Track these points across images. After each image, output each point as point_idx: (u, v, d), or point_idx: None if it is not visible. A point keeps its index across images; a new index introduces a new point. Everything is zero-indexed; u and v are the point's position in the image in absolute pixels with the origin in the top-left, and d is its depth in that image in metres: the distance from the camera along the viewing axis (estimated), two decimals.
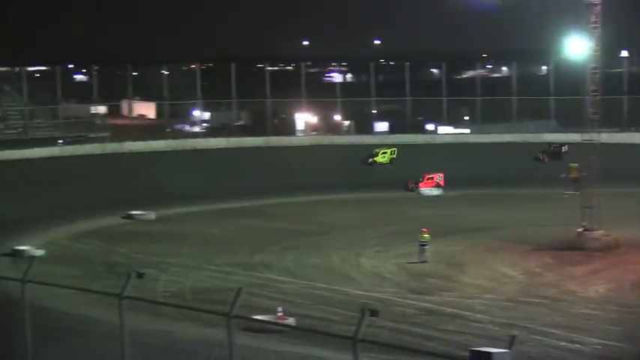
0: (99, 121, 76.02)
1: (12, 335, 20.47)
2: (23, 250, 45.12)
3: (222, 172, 67.41)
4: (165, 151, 72.30)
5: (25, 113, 73.13)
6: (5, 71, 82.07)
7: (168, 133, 77.61)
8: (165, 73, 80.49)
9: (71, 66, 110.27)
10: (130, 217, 57.32)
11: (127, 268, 31.05)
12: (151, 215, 57.84)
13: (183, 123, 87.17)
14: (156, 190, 62.14)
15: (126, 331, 17.14)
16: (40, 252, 44.64)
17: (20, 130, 72.29)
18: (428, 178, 67.79)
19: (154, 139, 74.60)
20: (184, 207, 60.42)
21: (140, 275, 19.91)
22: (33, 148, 69.25)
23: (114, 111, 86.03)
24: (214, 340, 25.90)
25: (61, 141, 72.29)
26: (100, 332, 27.12)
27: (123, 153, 71.51)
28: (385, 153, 72.10)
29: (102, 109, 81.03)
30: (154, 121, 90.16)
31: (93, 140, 72.94)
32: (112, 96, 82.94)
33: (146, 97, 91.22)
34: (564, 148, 72.56)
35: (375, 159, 71.24)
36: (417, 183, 67.34)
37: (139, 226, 55.36)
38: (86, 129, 74.58)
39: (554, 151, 73.82)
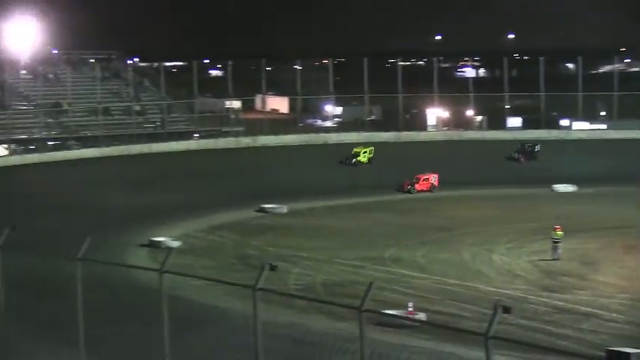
0: (233, 116, 77.14)
1: (149, 323, 21.02)
2: (160, 242, 46.18)
3: (357, 167, 67.62)
4: (298, 145, 72.95)
5: (163, 107, 74.70)
6: (144, 67, 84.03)
7: (300, 128, 78.23)
8: (299, 68, 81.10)
9: (207, 61, 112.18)
10: (263, 210, 58.03)
11: (260, 261, 31.55)
12: (284, 209, 58.44)
13: (315, 117, 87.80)
14: (288, 183, 62.74)
15: (259, 322, 17.40)
16: (176, 243, 45.58)
17: (158, 123, 73.90)
18: (423, 179, 65.93)
19: (286, 133, 75.32)
20: (316, 201, 60.85)
21: (273, 268, 20.20)
22: (169, 141, 70.77)
23: (248, 105, 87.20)
24: (345, 333, 26.16)
25: (196, 135, 73.64)
26: (234, 323, 27.68)
27: (256, 147, 72.45)
28: (365, 152, 70.33)
29: (236, 104, 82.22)
30: (287, 115, 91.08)
31: (227, 134, 74.09)
32: (246, 91, 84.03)
33: (279, 92, 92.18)
34: (537, 148, 72.21)
35: (359, 159, 69.39)
36: (412, 184, 65.30)
37: (272, 219, 55.99)
38: (221, 123, 75.80)
39: (528, 150, 72.52)
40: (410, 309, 31.82)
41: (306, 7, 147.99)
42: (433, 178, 65.79)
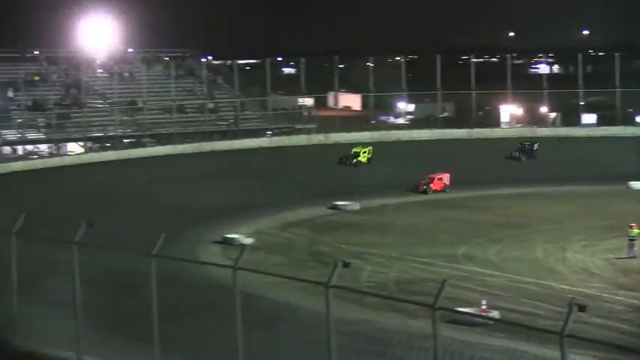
0: (306, 113, 77.37)
1: (222, 320, 21.19)
2: (233, 238, 46.50)
3: (426, 163, 67.39)
4: (370, 143, 72.93)
5: (236, 105, 75.18)
6: (218, 65, 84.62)
7: (372, 125, 78.19)
8: (371, 65, 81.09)
9: (280, 59, 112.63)
10: (335, 207, 58.13)
11: (333, 258, 31.60)
12: (356, 206, 58.48)
13: (388, 115, 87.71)
14: (360, 180, 62.73)
15: (332, 319, 17.44)
16: (249, 240, 45.84)
17: (231, 121, 74.38)
18: (437, 179, 64.65)
19: (358, 130, 75.35)
20: (388, 198, 60.80)
21: (346, 265, 20.24)
22: (242, 139, 71.22)
23: (320, 103, 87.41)
24: (417, 331, 26.13)
25: (269, 132, 73.99)
26: (307, 319, 27.80)
27: (328, 144, 72.58)
28: (365, 152, 69.10)
29: (309, 101, 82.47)
30: (359, 112, 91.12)
31: (299, 132, 74.31)
32: (319, 88, 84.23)
33: (352, 89, 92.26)
34: (536, 147, 71.50)
35: (359, 159, 68.23)
36: (428, 184, 64.06)
37: (344, 216, 56.06)
38: (293, 121, 76.07)
39: (527, 149, 71.35)
40: (483, 307, 31.69)
41: (378, 4, 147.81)
42: (445, 178, 64.88)
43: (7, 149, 65.82)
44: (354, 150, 68.20)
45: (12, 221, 23.23)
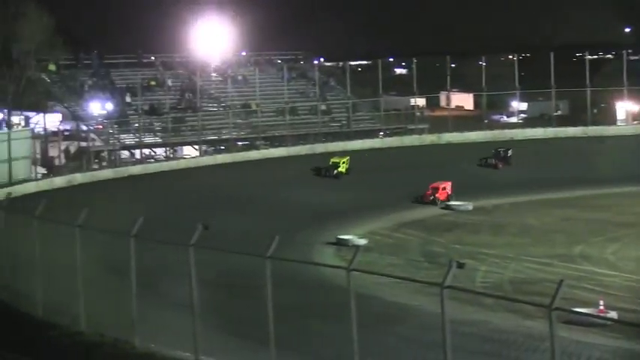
0: (418, 113, 77.18)
1: (337, 321, 21.32)
2: (347, 240, 46.66)
3: (540, 162, 66.65)
4: (483, 142, 72.37)
5: (349, 106, 75.40)
6: (330, 66, 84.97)
7: (485, 124, 77.58)
8: (483, 64, 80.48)
9: (391, 59, 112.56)
10: (448, 207, 57.92)
11: (446, 259, 31.56)
12: (469, 206, 58.17)
13: (501, 113, 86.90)
14: (473, 180, 62.34)
15: (447, 319, 17.41)
16: (362, 241, 45.96)
17: (344, 122, 74.64)
18: (442, 188, 60.29)
19: (471, 130, 74.83)
20: (501, 198, 60.24)
21: (461, 265, 20.18)
22: (355, 140, 71.37)
23: (432, 103, 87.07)
24: (534, 331, 25.88)
25: (381, 133, 74.02)
26: (421, 320, 27.78)
27: (441, 144, 72.27)
28: (344, 162, 65.25)
29: (421, 101, 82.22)
30: (472, 112, 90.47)
31: (412, 132, 74.15)
32: (431, 88, 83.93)
33: (464, 89, 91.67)
34: (510, 152, 69.22)
35: (339, 169, 64.64)
36: (434, 194, 59.92)
37: (458, 216, 55.81)
38: (406, 121, 75.94)
39: (502, 155, 69.26)
40: (601, 307, 31.20)
41: (489, 3, 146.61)
42: (448, 187, 61.03)
43: (125, 153, 67.22)
44: (332, 160, 65.47)
45: (131, 224, 23.75)
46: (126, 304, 23.79)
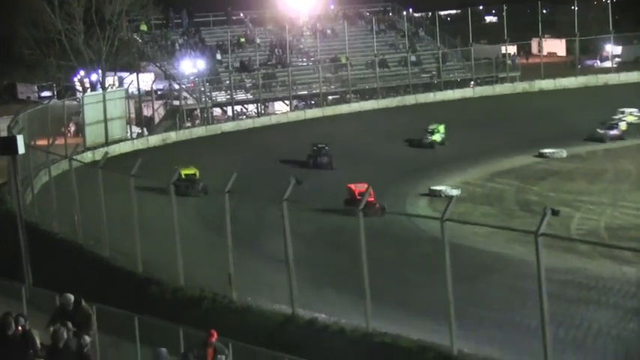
0: (509, 61, 76.26)
1: (432, 271, 21.41)
2: (440, 190, 46.55)
3: (636, 106, 65.42)
4: (576, 88, 71.34)
5: (439, 57, 74.87)
6: (419, 17, 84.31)
7: (578, 70, 76.38)
8: (576, 8, 79.08)
9: (481, 7, 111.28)
10: (542, 155, 57.27)
11: (541, 207, 31.33)
12: (563, 153, 57.45)
13: (594, 59, 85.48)
14: (567, 127, 61.53)
15: (542, 267, 17.39)
16: (456, 191, 45.79)
17: (434, 73, 74.19)
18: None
19: (564, 76, 73.79)
20: (594, 144, 59.37)
21: (555, 213, 20.18)
22: (446, 90, 70.92)
23: (524, 50, 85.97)
24: (632, 277, 25.66)
25: (472, 82, 73.42)
26: (517, 269, 27.70)
27: (533, 92, 71.43)
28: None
29: (512, 49, 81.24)
30: (565, 58, 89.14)
31: (503, 80, 73.42)
32: (522, 35, 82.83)
33: (556, 34, 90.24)
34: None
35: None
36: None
37: (551, 164, 55.19)
38: (497, 69, 75.16)
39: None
40: None
41: None
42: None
43: (217, 111, 67.81)
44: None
45: (225, 181, 24.10)
46: (223, 260, 24.21)
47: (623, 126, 61.08)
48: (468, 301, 21.74)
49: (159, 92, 66.42)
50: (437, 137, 59.69)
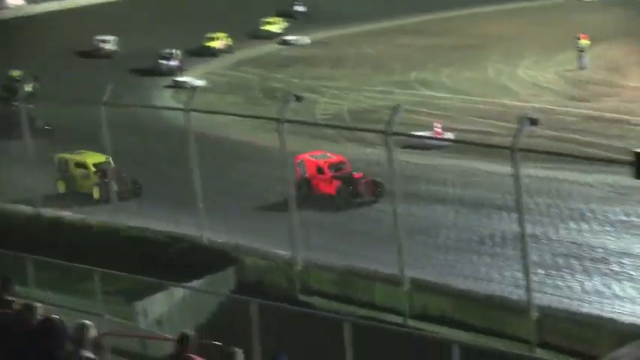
0: None
1: (179, 162, 21.25)
2: (184, 82, 46.08)
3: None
4: None
5: None
6: None
7: None
8: None
9: None
10: (285, 42, 57.67)
11: (285, 94, 31.55)
12: (306, 39, 58.05)
13: None
14: (309, 9, 61.86)
15: (287, 153, 17.58)
16: (200, 82, 45.51)
17: None
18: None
19: None
20: (338, 29, 60.21)
21: (298, 99, 20.26)
22: None
23: None
24: (374, 158, 26.28)
25: None
26: (265, 156, 27.86)
27: None
28: None
29: None
30: None
31: None
32: None
33: None
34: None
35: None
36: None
37: (295, 51, 55.71)
38: None
39: None
40: (437, 129, 31.81)
41: None
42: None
43: None
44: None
45: None
46: None
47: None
48: (219, 190, 21.81)
49: None
50: None
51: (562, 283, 19.02)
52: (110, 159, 23.33)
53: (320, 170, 25.90)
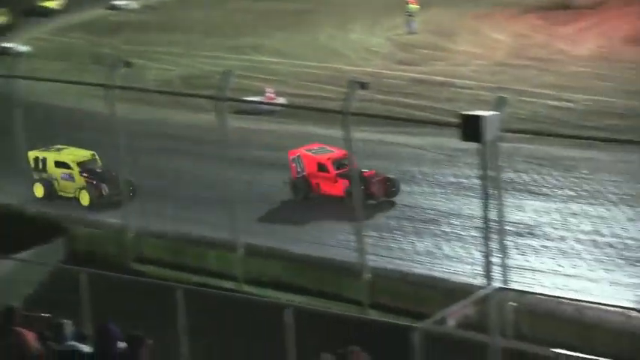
0: None
1: (5, 132, 20.66)
2: (9, 47, 44.64)
3: None
4: None
5: None
6: None
7: None
8: None
9: None
10: (114, 7, 56.61)
11: (115, 59, 30.93)
12: (134, 4, 57.13)
13: None
14: None
15: (116, 120, 17.28)
16: (25, 48, 44.21)
17: None
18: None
19: None
20: None
21: (128, 65, 19.93)
22: None
23: None
24: (206, 124, 26.10)
25: None
26: (94, 124, 27.31)
27: None
28: None
29: None
30: None
31: None
32: None
33: None
34: None
35: None
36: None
37: (125, 16, 54.75)
38: None
39: None
40: (269, 94, 31.77)
41: None
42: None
43: None
44: None
45: None
46: None
47: None
48: None
49: None
50: None
51: (395, 245, 19.36)
52: (96, 155, 21.82)
53: (322, 167, 22.56)
